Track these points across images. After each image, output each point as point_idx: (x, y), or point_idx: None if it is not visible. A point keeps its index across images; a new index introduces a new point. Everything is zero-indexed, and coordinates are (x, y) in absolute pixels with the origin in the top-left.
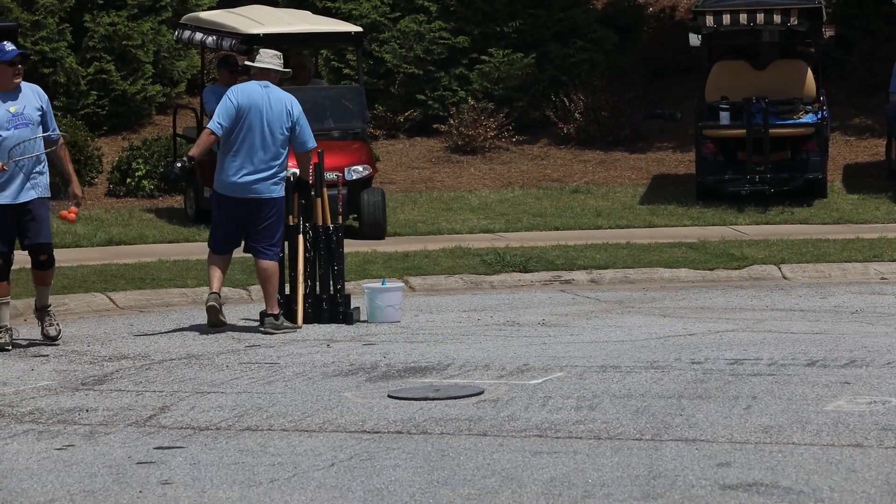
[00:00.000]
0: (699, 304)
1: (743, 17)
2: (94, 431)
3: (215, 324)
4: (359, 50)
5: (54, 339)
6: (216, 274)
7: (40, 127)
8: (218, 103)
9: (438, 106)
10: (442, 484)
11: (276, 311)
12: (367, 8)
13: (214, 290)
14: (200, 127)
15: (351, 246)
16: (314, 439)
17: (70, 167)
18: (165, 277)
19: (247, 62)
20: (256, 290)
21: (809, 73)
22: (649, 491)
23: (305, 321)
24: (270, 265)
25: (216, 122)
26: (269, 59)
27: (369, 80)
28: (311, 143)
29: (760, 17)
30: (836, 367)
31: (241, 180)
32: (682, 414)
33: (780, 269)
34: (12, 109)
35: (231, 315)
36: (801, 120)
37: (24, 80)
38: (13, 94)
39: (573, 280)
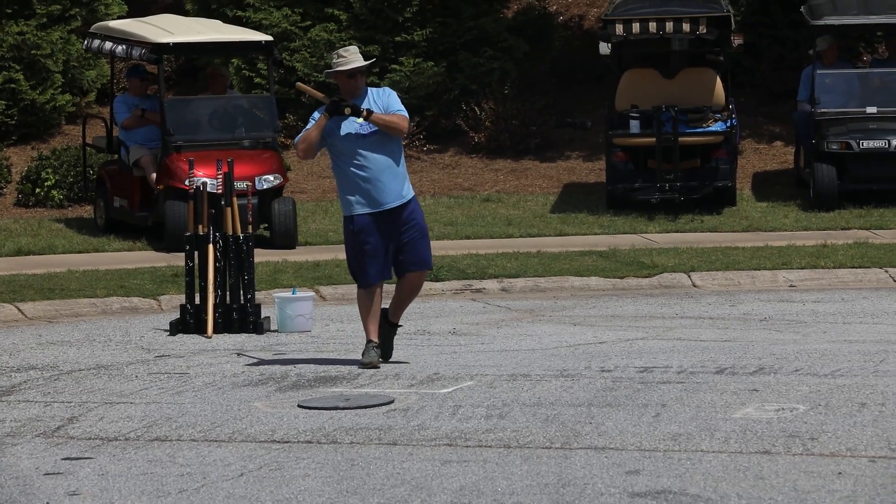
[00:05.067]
0: (609, 313)
1: (652, 26)
2: (1, 442)
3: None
4: (269, 59)
5: None
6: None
7: None
8: (128, 113)
9: None
10: (351, 493)
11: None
12: (278, 17)
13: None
14: (110, 136)
15: (261, 255)
16: (223, 449)
17: None
18: (75, 287)
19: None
20: (166, 300)
21: (718, 81)
22: (559, 499)
23: (215, 331)
24: None
25: None
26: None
27: (280, 88)
28: None
29: (670, 26)
30: (744, 374)
31: None
32: (591, 422)
33: (689, 276)
34: None
35: (141, 325)
36: (710, 128)
37: None
38: None
39: (484, 289)
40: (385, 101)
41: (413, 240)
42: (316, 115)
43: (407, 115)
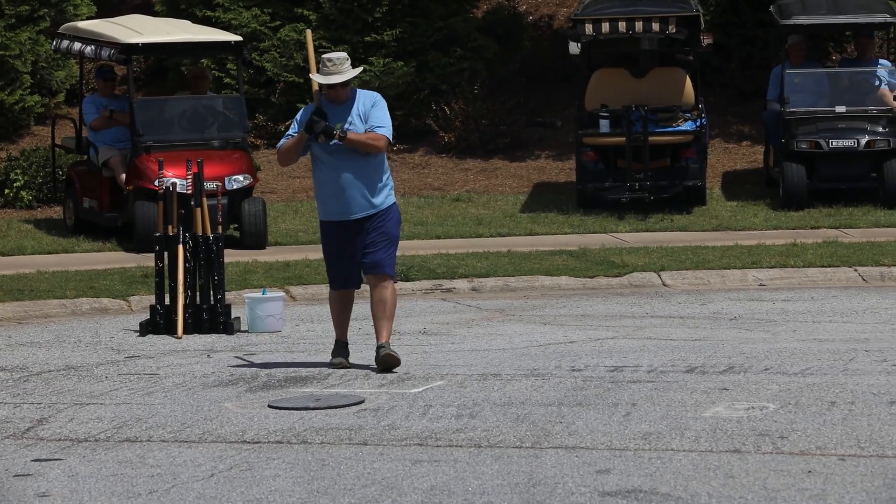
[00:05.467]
0: (579, 312)
1: (622, 26)
2: None
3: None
4: (239, 59)
5: None
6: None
7: None
8: (97, 114)
9: None
10: (322, 493)
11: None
12: (247, 17)
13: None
14: (79, 137)
15: (231, 256)
16: (193, 450)
17: None
18: (44, 288)
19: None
20: (136, 300)
21: (688, 80)
22: (529, 498)
23: (185, 332)
24: None
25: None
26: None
27: (250, 89)
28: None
29: (639, 26)
30: (714, 373)
31: None
32: (562, 421)
33: (659, 276)
34: None
35: (111, 326)
36: (680, 127)
37: None
38: None
39: (454, 288)
40: (367, 110)
41: (373, 242)
42: (299, 117)
43: (388, 128)
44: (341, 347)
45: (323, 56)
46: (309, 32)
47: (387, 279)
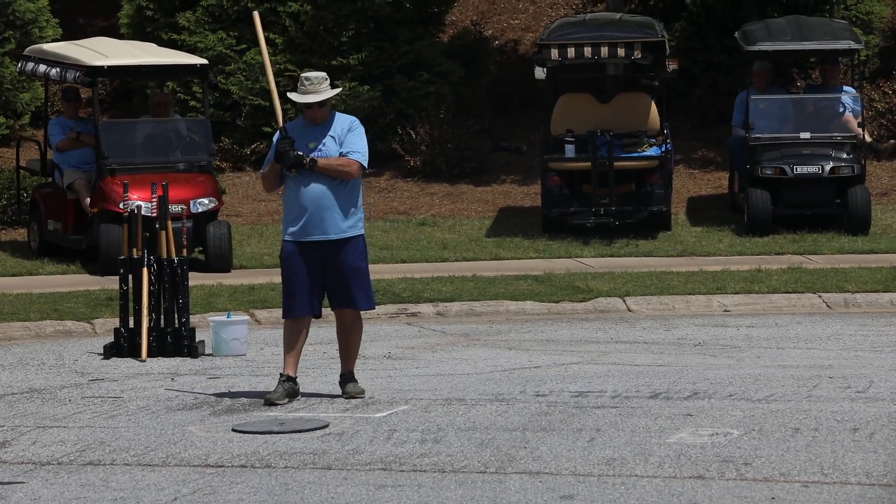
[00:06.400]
0: (544, 337)
1: (587, 51)
2: None
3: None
4: (204, 82)
5: None
6: None
7: None
8: (63, 136)
9: None
10: None
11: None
12: (213, 40)
13: None
14: (44, 159)
15: (196, 279)
16: (157, 473)
17: None
18: (8, 311)
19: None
20: (100, 323)
21: (653, 106)
22: None
23: (149, 355)
24: None
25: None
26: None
27: (215, 112)
28: None
29: (604, 51)
30: (678, 399)
31: None
32: (526, 447)
33: (624, 301)
34: None
35: (74, 349)
36: (645, 153)
37: None
38: None
39: (419, 313)
40: (343, 135)
41: (339, 275)
42: (275, 139)
43: (362, 154)
44: (282, 382)
45: (301, 75)
46: (256, 14)
47: (352, 312)
